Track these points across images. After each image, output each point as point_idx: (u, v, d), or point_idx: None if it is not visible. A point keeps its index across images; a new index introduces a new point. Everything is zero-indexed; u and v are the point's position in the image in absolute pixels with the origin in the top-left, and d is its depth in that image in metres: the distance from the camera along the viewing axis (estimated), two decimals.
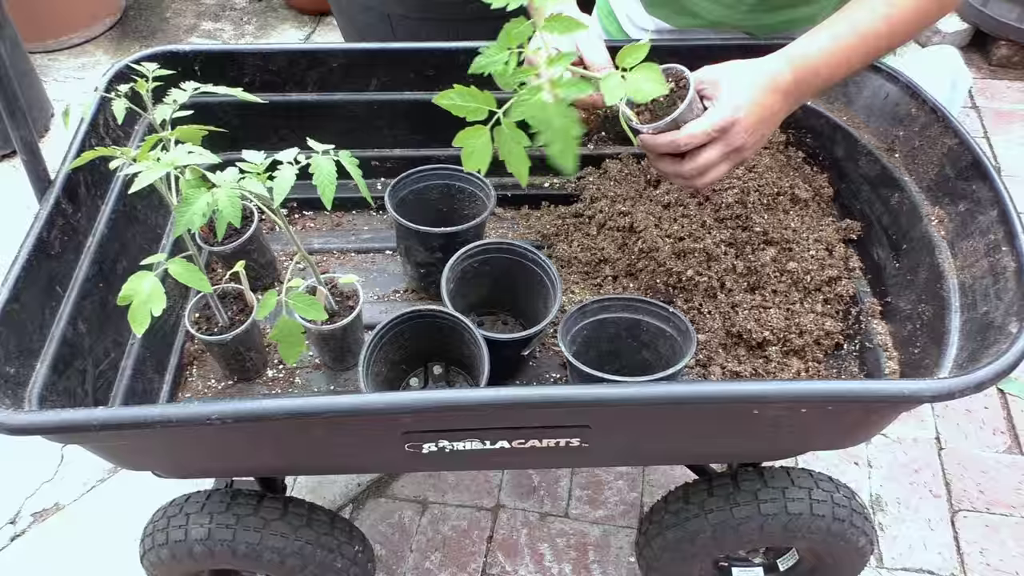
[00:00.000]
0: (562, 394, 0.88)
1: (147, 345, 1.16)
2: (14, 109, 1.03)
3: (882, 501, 1.70)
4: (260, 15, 3.23)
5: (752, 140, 1.02)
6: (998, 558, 1.61)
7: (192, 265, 0.95)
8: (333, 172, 0.93)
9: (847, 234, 1.29)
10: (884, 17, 1.06)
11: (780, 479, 1.15)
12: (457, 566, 1.61)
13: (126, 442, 1.00)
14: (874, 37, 1.06)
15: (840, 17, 1.08)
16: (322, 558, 1.16)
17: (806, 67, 1.04)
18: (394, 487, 1.74)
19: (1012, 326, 0.92)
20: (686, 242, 1.24)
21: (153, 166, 0.90)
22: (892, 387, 0.88)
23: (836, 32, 1.06)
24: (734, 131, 1.00)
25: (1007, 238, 1.01)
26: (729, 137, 1.00)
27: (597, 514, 1.69)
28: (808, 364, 1.16)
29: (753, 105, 1.00)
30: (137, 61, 1.25)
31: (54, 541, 1.65)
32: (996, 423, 1.83)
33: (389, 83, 1.36)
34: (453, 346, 1.13)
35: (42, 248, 1.03)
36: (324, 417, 0.86)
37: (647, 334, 1.12)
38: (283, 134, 1.40)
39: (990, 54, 2.83)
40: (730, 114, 0.99)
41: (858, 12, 1.07)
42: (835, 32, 1.06)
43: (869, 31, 1.06)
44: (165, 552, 1.14)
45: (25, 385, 0.95)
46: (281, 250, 1.39)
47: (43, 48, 2.98)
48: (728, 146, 1.00)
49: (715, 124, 0.99)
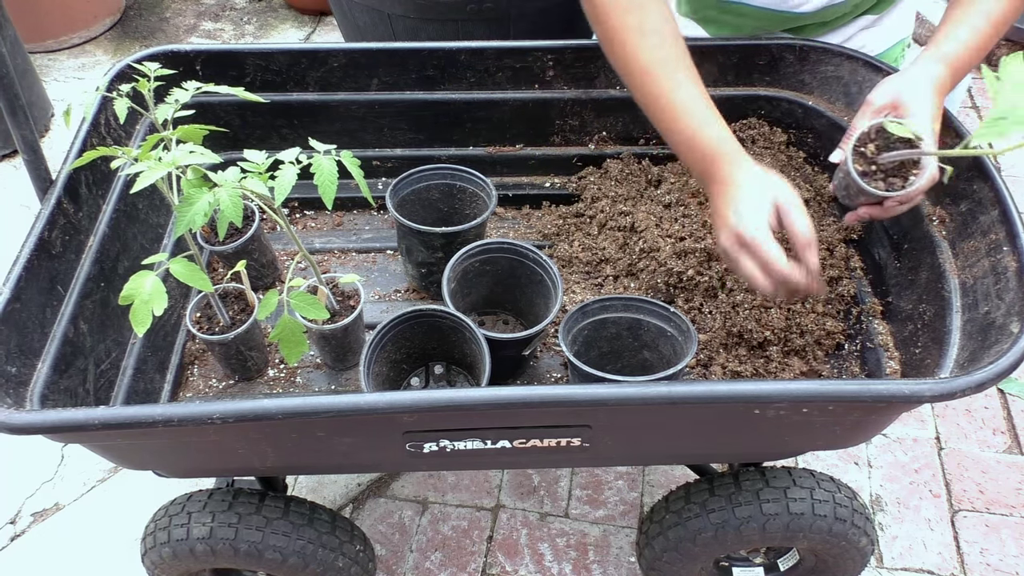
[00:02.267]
0: (563, 394, 0.88)
1: (148, 344, 1.16)
2: (15, 108, 1.03)
3: (882, 501, 1.70)
4: (260, 15, 3.23)
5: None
6: (998, 558, 1.61)
7: (193, 265, 0.95)
8: (334, 172, 0.93)
9: (847, 234, 1.29)
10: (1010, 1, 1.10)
11: (782, 479, 1.15)
12: (457, 566, 1.61)
13: (127, 441, 1.00)
14: (1004, 22, 1.11)
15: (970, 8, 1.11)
16: (323, 557, 1.16)
17: (960, 65, 1.09)
18: (394, 487, 1.74)
19: (1013, 326, 0.92)
20: (687, 242, 1.24)
21: (154, 166, 0.90)
22: (893, 387, 0.88)
23: (975, 24, 1.10)
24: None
25: (1008, 238, 1.01)
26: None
27: (597, 514, 1.69)
28: (809, 364, 1.16)
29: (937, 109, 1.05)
30: (138, 60, 1.25)
31: (54, 541, 1.65)
32: (996, 423, 1.83)
33: (390, 83, 1.36)
34: (454, 346, 1.13)
35: (44, 247, 1.03)
36: (325, 417, 0.86)
37: (648, 334, 1.12)
38: (284, 134, 1.40)
39: (990, 54, 2.83)
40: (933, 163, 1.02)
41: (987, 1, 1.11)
42: (974, 24, 1.10)
43: (999, 18, 1.10)
44: (167, 551, 1.14)
45: (27, 384, 0.95)
46: (282, 250, 1.39)
47: (43, 48, 2.97)
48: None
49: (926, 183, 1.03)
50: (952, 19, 1.12)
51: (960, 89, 1.44)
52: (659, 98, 1.06)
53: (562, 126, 1.42)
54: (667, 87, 1.05)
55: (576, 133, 1.43)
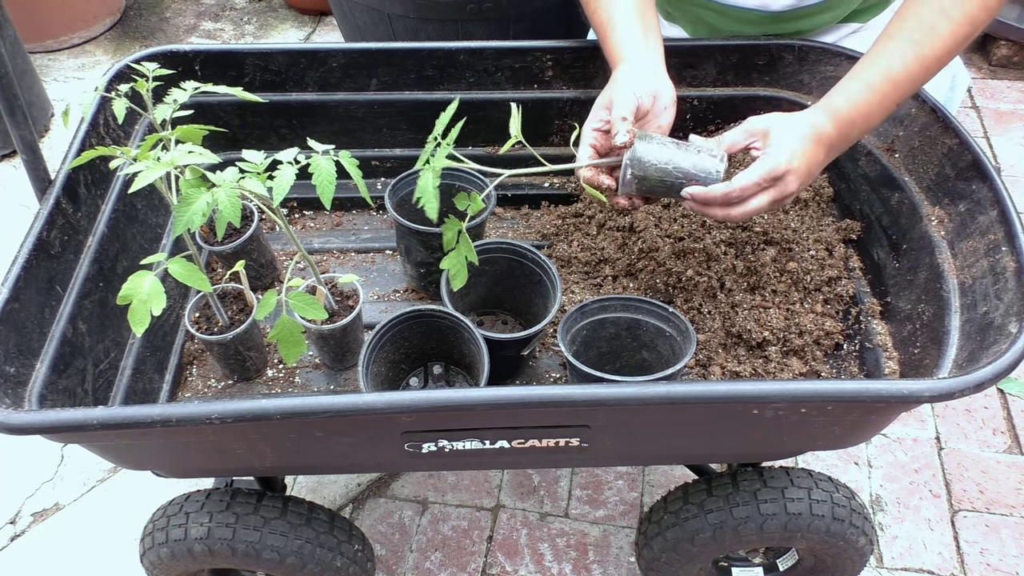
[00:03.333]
0: (562, 394, 0.88)
1: (147, 344, 1.16)
2: (14, 108, 1.03)
3: (882, 501, 1.70)
4: (260, 15, 3.23)
5: (800, 187, 1.04)
6: (998, 558, 1.61)
7: (192, 265, 0.95)
8: (333, 172, 0.93)
9: (847, 234, 1.29)
10: (917, 58, 1.04)
11: (779, 479, 1.15)
12: (457, 566, 1.61)
13: (126, 441, 1.00)
14: (908, 82, 1.05)
15: (874, 65, 1.06)
16: (321, 557, 1.16)
17: (846, 121, 1.05)
18: (394, 487, 1.74)
19: (1012, 326, 0.92)
20: (686, 242, 1.24)
21: (153, 166, 0.90)
22: (892, 387, 0.88)
23: (871, 81, 1.05)
24: (787, 179, 1.01)
25: (1007, 238, 1.01)
26: (782, 184, 1.02)
27: (597, 514, 1.69)
28: (808, 364, 1.16)
29: (804, 154, 1.02)
30: (137, 61, 1.25)
31: (54, 541, 1.65)
32: (996, 423, 1.83)
33: (389, 83, 1.36)
34: (453, 346, 1.13)
35: (42, 247, 1.03)
36: (324, 417, 0.86)
37: (647, 334, 1.12)
38: (283, 134, 1.40)
39: (990, 54, 2.83)
40: (784, 164, 1.00)
41: (891, 57, 1.05)
42: (870, 81, 1.05)
43: (902, 76, 1.04)
44: (165, 551, 1.14)
45: (25, 384, 0.95)
46: (281, 250, 1.39)
47: (43, 48, 2.98)
48: (780, 193, 1.02)
49: (765, 174, 1.00)
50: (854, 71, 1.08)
51: (960, 89, 1.44)
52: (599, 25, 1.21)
53: (561, 126, 1.42)
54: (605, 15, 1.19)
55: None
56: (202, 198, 0.89)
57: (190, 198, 0.90)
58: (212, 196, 0.90)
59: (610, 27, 1.18)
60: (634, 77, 1.10)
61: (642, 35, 1.16)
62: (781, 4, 1.30)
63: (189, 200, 0.90)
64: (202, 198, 0.89)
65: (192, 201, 0.89)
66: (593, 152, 1.10)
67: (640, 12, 1.18)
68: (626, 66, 1.12)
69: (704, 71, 1.36)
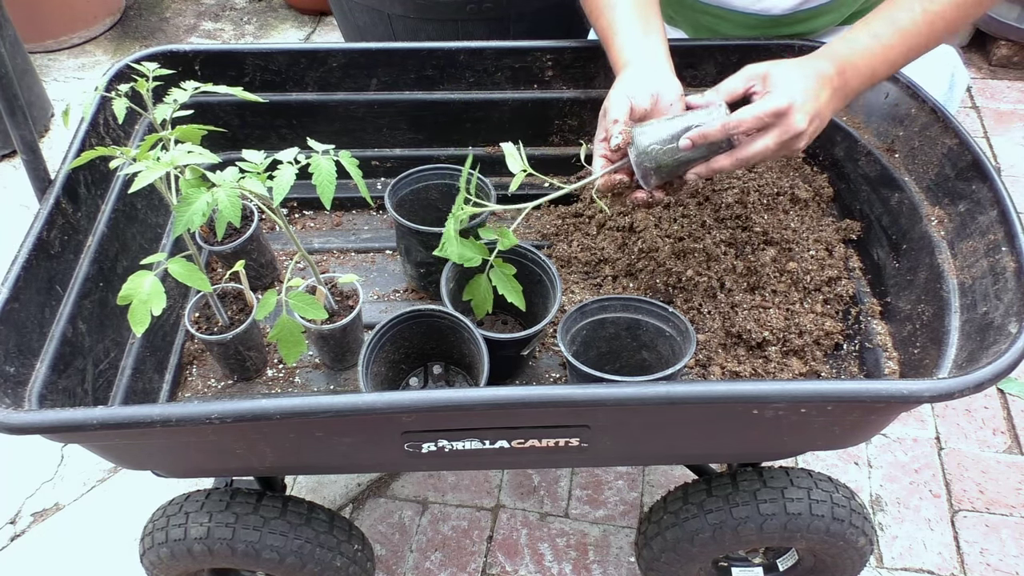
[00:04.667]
0: (561, 394, 0.88)
1: (147, 344, 1.16)
2: (14, 108, 1.03)
3: (882, 501, 1.70)
4: (260, 15, 3.23)
5: (811, 128, 1.00)
6: (998, 558, 1.61)
7: (192, 264, 0.95)
8: (332, 172, 0.93)
9: (847, 234, 1.29)
10: (924, 14, 1.05)
11: (779, 479, 1.15)
12: (457, 566, 1.61)
13: (126, 441, 1.00)
14: (914, 36, 1.05)
15: (880, 16, 1.07)
16: (321, 556, 1.16)
17: (850, 64, 1.03)
18: (394, 487, 1.74)
19: (1011, 326, 0.92)
20: (686, 242, 1.24)
21: (153, 165, 0.90)
22: (892, 387, 0.88)
23: (876, 31, 1.05)
24: (792, 116, 0.98)
25: (1007, 238, 1.01)
26: (786, 122, 0.98)
27: (597, 514, 1.69)
28: (808, 364, 1.16)
29: (806, 91, 0.99)
30: (137, 61, 1.25)
31: (54, 541, 1.65)
32: (996, 423, 1.83)
33: (389, 83, 1.37)
34: (453, 346, 1.13)
35: (42, 247, 1.03)
36: (323, 417, 0.86)
37: (647, 334, 1.12)
38: (283, 134, 1.40)
39: (990, 54, 2.82)
40: (787, 100, 0.97)
41: (898, 11, 1.06)
42: (875, 31, 1.05)
43: (909, 30, 1.05)
44: (165, 551, 1.14)
45: (25, 384, 0.95)
46: (281, 250, 1.39)
47: (43, 48, 2.97)
48: (786, 132, 0.98)
49: (766, 110, 0.97)
50: (858, 24, 1.08)
51: (959, 88, 1.44)
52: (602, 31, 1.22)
53: (561, 126, 1.42)
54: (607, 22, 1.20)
55: (575, 133, 1.43)
56: (202, 198, 0.89)
57: (190, 198, 0.90)
58: (212, 196, 0.90)
59: (611, 32, 1.18)
60: (631, 81, 1.10)
61: (642, 37, 1.16)
62: (784, 7, 1.30)
63: (189, 200, 0.90)
64: (202, 198, 0.89)
65: (192, 201, 0.89)
66: (605, 162, 1.09)
67: (641, 14, 1.18)
68: (626, 71, 1.12)
69: (704, 71, 1.36)
